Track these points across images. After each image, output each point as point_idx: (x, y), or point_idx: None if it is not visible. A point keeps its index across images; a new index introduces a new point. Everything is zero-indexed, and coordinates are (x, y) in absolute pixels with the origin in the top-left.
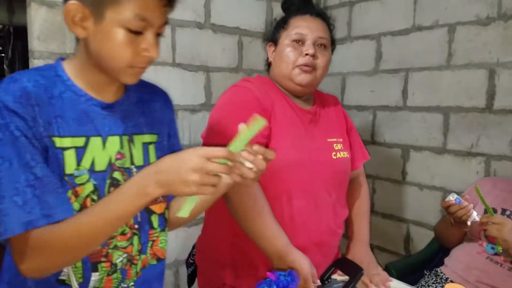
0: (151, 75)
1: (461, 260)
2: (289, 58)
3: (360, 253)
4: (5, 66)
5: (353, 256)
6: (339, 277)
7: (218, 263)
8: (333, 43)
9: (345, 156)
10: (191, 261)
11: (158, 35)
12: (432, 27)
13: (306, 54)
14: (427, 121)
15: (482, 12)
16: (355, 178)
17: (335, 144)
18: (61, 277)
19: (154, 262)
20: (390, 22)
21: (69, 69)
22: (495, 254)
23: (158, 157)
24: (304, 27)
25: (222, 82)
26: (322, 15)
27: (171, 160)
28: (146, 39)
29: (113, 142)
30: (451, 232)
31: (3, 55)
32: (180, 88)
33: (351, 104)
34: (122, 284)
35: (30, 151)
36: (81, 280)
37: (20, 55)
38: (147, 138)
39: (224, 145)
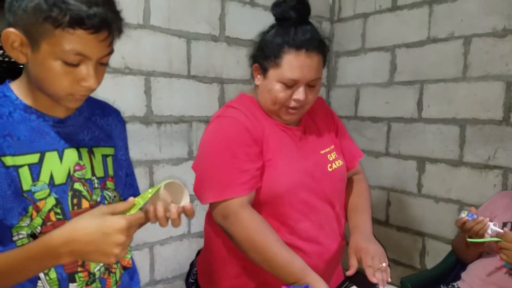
0: (167, 86)
1: (479, 275)
2: (278, 99)
3: (357, 244)
4: None
5: (350, 247)
6: None
7: (228, 285)
8: (324, 62)
9: (340, 164)
10: (191, 280)
11: (102, 64)
12: (448, 39)
13: (296, 99)
14: (443, 133)
15: (498, 24)
16: (351, 177)
17: (328, 155)
18: None
19: (122, 271)
20: (405, 34)
21: (17, 90)
22: None
23: (115, 169)
24: (298, 70)
25: (236, 93)
26: (320, 48)
27: (90, 231)
28: (84, 71)
29: (71, 154)
30: (468, 248)
31: None
32: (195, 99)
33: (365, 115)
34: None
35: None
36: None
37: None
38: (106, 150)
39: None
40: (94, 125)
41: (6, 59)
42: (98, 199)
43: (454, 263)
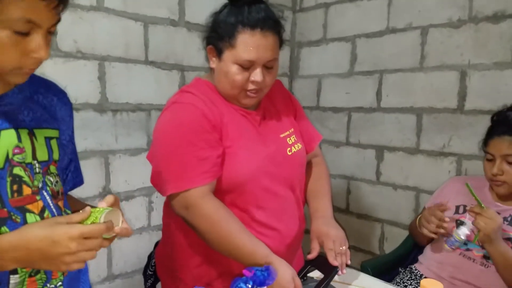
0: (124, 71)
1: (435, 257)
2: (235, 83)
3: (318, 228)
4: None
5: (312, 231)
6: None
7: (191, 276)
8: (280, 43)
9: (299, 147)
10: (150, 272)
11: (50, 33)
12: (406, 30)
13: (254, 81)
14: (401, 122)
15: (454, 15)
16: (310, 160)
17: (288, 139)
18: None
19: None
20: (365, 24)
21: None
22: (467, 250)
23: (61, 154)
24: (254, 51)
25: None
26: (275, 27)
27: (39, 238)
28: (35, 40)
29: (8, 136)
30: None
31: None
32: (154, 86)
33: (327, 105)
34: (48, 285)
35: None
36: None
37: None
38: (49, 132)
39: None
40: (37, 105)
41: None
42: (40, 185)
43: (411, 247)
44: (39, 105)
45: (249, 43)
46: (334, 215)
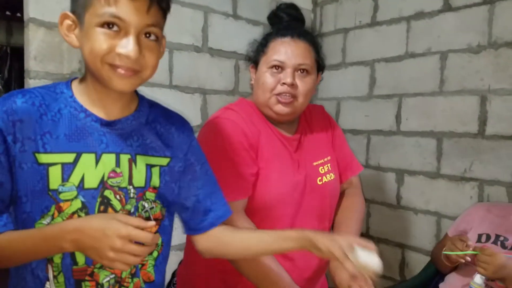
0: (148, 95)
1: (456, 286)
2: (267, 86)
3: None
4: None
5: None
6: None
7: None
8: (321, 64)
9: (332, 178)
10: None
11: (148, 37)
12: (425, 54)
13: (284, 83)
14: (421, 146)
15: (473, 41)
16: (345, 190)
17: (321, 168)
18: None
19: (143, 285)
20: (384, 49)
21: (76, 87)
22: (490, 280)
23: (165, 181)
24: (283, 53)
25: (218, 104)
26: (306, 36)
27: (95, 227)
28: (125, 38)
29: (108, 160)
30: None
31: None
32: (177, 109)
33: (346, 128)
34: None
35: None
36: None
37: (16, 75)
38: (154, 160)
39: None
40: (150, 133)
41: None
42: (132, 210)
43: (433, 274)
44: (154, 133)
45: (279, 46)
46: None
